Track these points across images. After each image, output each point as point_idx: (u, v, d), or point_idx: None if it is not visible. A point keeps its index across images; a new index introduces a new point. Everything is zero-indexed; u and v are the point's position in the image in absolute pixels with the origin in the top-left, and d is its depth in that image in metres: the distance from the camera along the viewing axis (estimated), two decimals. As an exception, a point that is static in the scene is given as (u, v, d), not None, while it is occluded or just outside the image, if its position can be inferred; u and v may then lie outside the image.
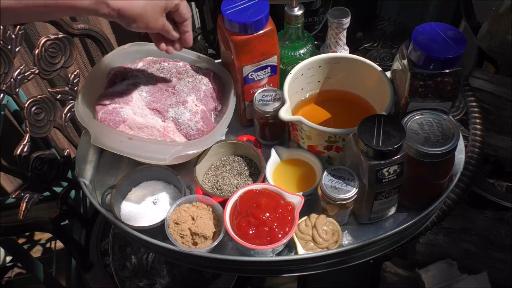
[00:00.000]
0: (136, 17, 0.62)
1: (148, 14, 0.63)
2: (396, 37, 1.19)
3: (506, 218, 1.14)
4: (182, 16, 0.70)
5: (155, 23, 0.66)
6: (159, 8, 0.65)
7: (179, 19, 0.71)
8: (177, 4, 0.68)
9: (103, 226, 1.09)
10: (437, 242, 1.12)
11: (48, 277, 0.98)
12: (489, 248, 1.11)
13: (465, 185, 0.87)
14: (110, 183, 0.80)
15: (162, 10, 0.66)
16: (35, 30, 1.22)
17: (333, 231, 0.71)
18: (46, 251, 1.55)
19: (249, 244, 0.66)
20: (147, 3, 0.63)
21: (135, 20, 0.63)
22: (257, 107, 0.79)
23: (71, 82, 0.96)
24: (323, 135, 0.71)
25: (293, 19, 0.80)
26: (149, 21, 0.64)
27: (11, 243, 0.91)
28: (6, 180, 1.49)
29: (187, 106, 0.78)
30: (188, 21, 0.73)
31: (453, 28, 0.67)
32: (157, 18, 0.65)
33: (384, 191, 0.67)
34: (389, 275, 1.16)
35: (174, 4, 0.67)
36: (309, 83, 0.83)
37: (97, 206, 0.76)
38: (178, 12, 0.69)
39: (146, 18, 0.63)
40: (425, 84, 0.67)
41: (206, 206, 0.73)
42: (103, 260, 1.04)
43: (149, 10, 0.63)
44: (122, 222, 0.73)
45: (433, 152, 0.64)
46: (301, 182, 0.76)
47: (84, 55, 1.37)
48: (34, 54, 0.88)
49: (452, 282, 1.07)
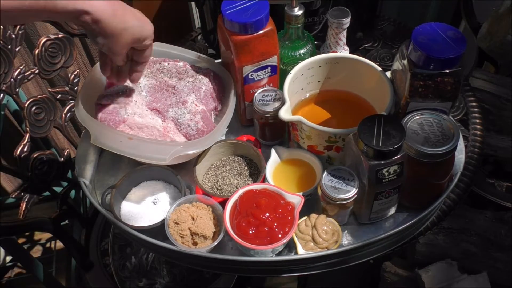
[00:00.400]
0: (111, 35, 0.61)
1: (122, 38, 0.62)
2: (396, 37, 1.19)
3: (506, 218, 1.14)
4: (144, 57, 0.71)
5: (120, 50, 0.64)
6: (133, 38, 0.64)
7: (140, 59, 0.71)
8: (146, 45, 0.68)
9: (103, 226, 1.09)
10: (437, 242, 1.12)
11: (48, 277, 0.98)
12: (489, 248, 1.11)
13: (465, 185, 0.87)
14: (110, 183, 0.80)
15: (134, 42, 0.65)
16: (35, 30, 1.22)
17: (333, 231, 0.71)
18: (46, 251, 1.55)
19: (249, 244, 0.66)
20: (126, 28, 0.61)
21: (106, 37, 0.61)
22: (257, 107, 0.79)
23: (71, 82, 0.96)
24: (323, 135, 0.71)
25: (293, 19, 0.80)
26: (117, 44, 0.63)
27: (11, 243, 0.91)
28: (6, 180, 1.49)
29: (187, 106, 0.78)
30: (145, 64, 0.73)
31: (453, 28, 0.67)
32: (125, 46, 0.64)
33: (384, 191, 0.67)
34: (389, 275, 1.16)
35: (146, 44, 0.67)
36: (309, 83, 0.83)
37: (97, 206, 0.76)
38: (142, 51, 0.69)
39: (117, 40, 0.62)
40: (425, 84, 0.67)
41: (206, 206, 0.73)
42: (103, 260, 1.04)
43: (124, 35, 0.62)
44: (122, 222, 0.73)
45: (433, 152, 0.64)
46: (301, 182, 0.76)
47: (84, 55, 1.37)
48: (34, 54, 0.88)
49: (452, 282, 1.07)
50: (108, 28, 0.59)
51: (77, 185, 1.01)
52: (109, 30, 0.60)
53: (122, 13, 0.61)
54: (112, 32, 0.60)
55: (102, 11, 0.57)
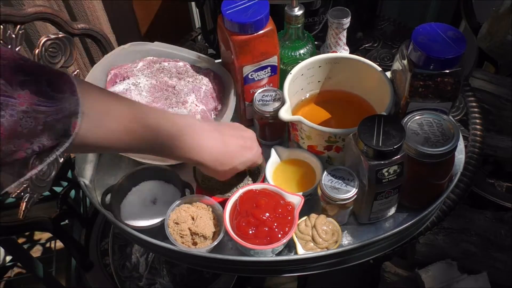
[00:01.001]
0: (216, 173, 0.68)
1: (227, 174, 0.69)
2: (396, 37, 1.18)
3: (506, 219, 1.14)
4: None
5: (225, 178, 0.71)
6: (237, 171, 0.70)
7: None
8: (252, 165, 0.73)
9: (103, 226, 1.09)
10: (437, 242, 1.12)
11: (48, 277, 0.99)
12: (489, 248, 1.11)
13: (465, 185, 0.87)
14: (110, 183, 0.80)
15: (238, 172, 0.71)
16: (35, 30, 1.22)
17: (333, 231, 0.71)
18: (46, 250, 1.55)
19: (248, 244, 0.66)
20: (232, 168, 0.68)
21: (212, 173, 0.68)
22: (257, 107, 0.79)
23: (71, 82, 0.96)
24: (323, 135, 0.71)
25: (293, 19, 0.80)
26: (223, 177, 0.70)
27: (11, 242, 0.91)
28: (6, 180, 1.49)
29: (187, 106, 0.78)
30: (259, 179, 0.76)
31: (453, 28, 0.67)
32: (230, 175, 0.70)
33: (384, 191, 0.67)
34: (389, 275, 1.16)
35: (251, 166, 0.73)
36: (309, 83, 0.83)
37: (97, 206, 0.76)
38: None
39: (223, 176, 0.69)
40: (425, 84, 0.67)
41: (206, 206, 0.73)
42: (103, 260, 1.04)
43: (228, 172, 0.68)
44: (122, 222, 0.73)
45: (433, 152, 0.64)
46: (301, 182, 0.76)
47: (84, 55, 1.37)
48: (34, 54, 0.88)
49: (452, 282, 1.07)
50: (217, 171, 0.67)
51: (77, 185, 1.01)
52: (217, 173, 0.67)
53: (231, 155, 0.67)
54: (219, 173, 0.68)
55: (212, 160, 0.65)
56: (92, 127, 0.50)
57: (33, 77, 0.44)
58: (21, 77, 0.43)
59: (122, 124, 0.54)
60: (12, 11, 0.82)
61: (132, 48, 0.86)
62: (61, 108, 0.45)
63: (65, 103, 0.46)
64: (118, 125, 0.53)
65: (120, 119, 0.53)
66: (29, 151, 0.44)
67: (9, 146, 0.42)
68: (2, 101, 0.41)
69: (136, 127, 0.55)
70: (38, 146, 0.45)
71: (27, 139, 0.44)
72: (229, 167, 0.67)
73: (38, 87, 0.44)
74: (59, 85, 0.46)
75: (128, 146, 0.57)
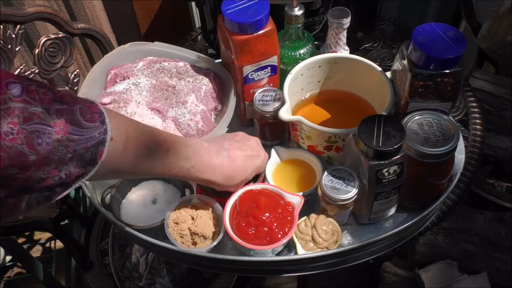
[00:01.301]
0: (227, 189, 0.69)
1: (238, 187, 0.70)
2: (396, 37, 1.18)
3: (506, 219, 1.14)
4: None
5: (235, 190, 0.71)
6: (247, 180, 0.71)
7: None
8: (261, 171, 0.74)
9: (103, 226, 1.09)
10: (437, 243, 1.12)
11: (47, 277, 0.99)
12: (488, 249, 1.11)
13: (465, 186, 0.87)
14: (110, 183, 0.80)
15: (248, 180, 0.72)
16: (35, 30, 1.22)
17: (333, 231, 0.71)
18: (45, 250, 1.55)
19: (248, 244, 0.66)
20: (243, 181, 0.69)
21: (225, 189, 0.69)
22: (257, 107, 0.79)
23: (71, 81, 0.96)
24: (323, 135, 0.71)
25: (293, 19, 0.80)
26: (233, 190, 0.71)
27: (11, 242, 0.91)
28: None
29: (187, 106, 0.78)
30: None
31: (453, 28, 0.67)
32: (240, 186, 0.71)
33: (384, 191, 0.67)
34: (388, 275, 1.16)
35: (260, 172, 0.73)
36: (309, 83, 0.83)
37: (97, 206, 0.76)
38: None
39: (233, 189, 0.70)
40: (425, 84, 0.67)
41: (206, 206, 0.73)
42: (102, 260, 1.04)
43: (240, 184, 0.70)
44: (122, 222, 0.73)
45: (433, 153, 0.64)
46: (301, 182, 0.76)
47: (84, 54, 1.37)
48: (34, 54, 0.88)
49: (451, 282, 1.07)
50: (227, 187, 0.68)
51: (77, 185, 1.01)
52: (227, 188, 0.69)
53: (240, 169, 0.68)
54: (229, 188, 0.69)
55: (223, 177, 0.66)
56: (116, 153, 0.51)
57: (67, 105, 0.45)
58: (57, 106, 0.44)
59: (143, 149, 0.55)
60: (12, 11, 0.82)
61: (132, 48, 0.86)
62: (91, 136, 0.46)
63: (94, 132, 0.47)
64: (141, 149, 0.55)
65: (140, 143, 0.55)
66: (56, 178, 0.45)
67: (39, 173, 0.43)
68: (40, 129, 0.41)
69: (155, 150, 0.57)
70: (65, 173, 0.45)
71: (56, 166, 0.44)
72: (240, 180, 0.68)
73: (73, 116, 0.45)
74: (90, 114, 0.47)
75: (148, 169, 0.58)
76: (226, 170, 0.66)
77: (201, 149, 0.64)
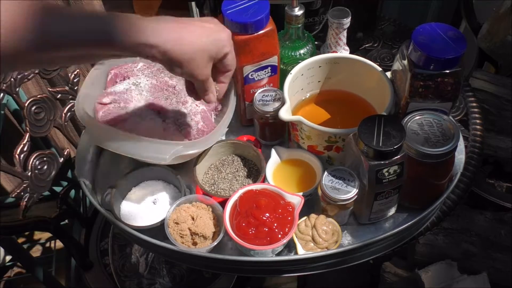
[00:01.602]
0: (183, 62, 0.57)
1: (197, 60, 0.58)
2: (397, 37, 1.18)
3: (506, 219, 1.14)
4: (226, 66, 0.65)
5: (201, 72, 0.60)
6: (209, 55, 0.60)
7: (223, 68, 0.65)
8: (226, 53, 0.63)
9: (103, 226, 1.09)
10: (437, 243, 1.12)
11: (47, 277, 0.98)
12: (489, 249, 1.11)
13: (465, 186, 0.87)
14: (110, 183, 0.80)
15: (212, 58, 0.61)
16: (35, 30, 1.22)
17: (333, 231, 0.71)
18: (45, 250, 1.55)
19: (248, 244, 0.66)
20: (198, 49, 0.57)
21: (181, 65, 0.57)
22: (257, 107, 0.79)
23: (71, 81, 0.96)
24: (323, 135, 0.71)
25: (294, 19, 0.80)
26: (196, 67, 0.59)
27: (11, 242, 0.91)
28: (6, 179, 1.49)
29: (187, 106, 0.78)
30: (230, 73, 0.67)
31: (453, 28, 0.67)
32: (205, 66, 0.60)
33: (384, 192, 0.67)
34: (389, 276, 1.16)
35: (224, 53, 0.62)
36: (309, 83, 0.83)
37: (97, 206, 0.76)
38: (223, 61, 0.64)
39: (193, 64, 0.58)
40: (425, 84, 0.67)
41: (206, 206, 0.73)
42: (102, 259, 1.04)
43: (199, 56, 0.58)
44: (122, 222, 0.73)
45: (433, 153, 0.64)
46: (301, 182, 0.76)
47: (84, 54, 1.37)
48: (34, 54, 0.88)
49: (451, 282, 1.07)
50: (179, 55, 0.56)
51: (77, 185, 1.01)
52: (181, 57, 0.56)
53: (191, 34, 0.57)
54: (185, 58, 0.57)
55: (167, 40, 0.54)
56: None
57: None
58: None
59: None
60: (12, 11, 0.82)
61: (132, 48, 0.86)
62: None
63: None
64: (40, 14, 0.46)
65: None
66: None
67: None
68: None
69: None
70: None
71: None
72: (197, 48, 0.57)
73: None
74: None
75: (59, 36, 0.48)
76: (169, 31, 0.55)
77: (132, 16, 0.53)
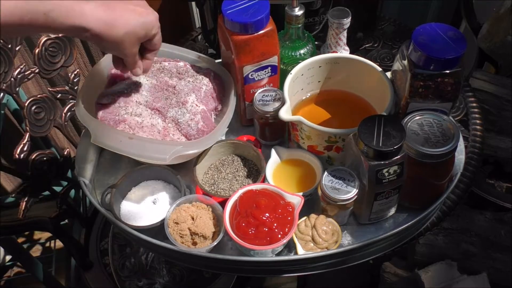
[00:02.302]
0: (115, 43, 0.62)
1: (126, 42, 0.63)
2: (397, 38, 1.19)
3: (506, 219, 1.14)
4: (153, 45, 0.71)
5: (129, 51, 0.66)
6: (138, 37, 0.65)
7: (150, 47, 0.71)
8: (154, 35, 0.68)
9: (103, 225, 1.09)
10: (437, 243, 1.12)
11: (47, 277, 0.98)
12: (489, 249, 1.11)
13: (465, 186, 0.87)
14: (110, 183, 0.80)
15: (140, 39, 0.66)
16: (35, 30, 1.22)
17: (333, 231, 0.71)
18: (45, 250, 1.55)
19: (248, 244, 0.66)
20: (128, 32, 0.62)
21: (112, 47, 0.63)
22: (257, 107, 0.79)
23: (71, 81, 0.96)
24: (323, 135, 0.71)
25: (294, 19, 0.80)
26: (124, 48, 0.64)
27: (11, 242, 0.91)
28: (6, 179, 1.49)
29: (187, 106, 0.78)
30: (156, 51, 0.73)
31: (453, 28, 0.67)
32: (133, 46, 0.65)
33: (384, 192, 0.67)
34: (388, 276, 1.16)
35: (152, 34, 0.67)
36: (309, 83, 0.83)
37: (97, 205, 0.76)
38: (151, 41, 0.69)
39: (123, 45, 0.63)
40: (425, 84, 0.67)
41: (206, 206, 0.73)
42: (102, 259, 1.04)
43: (127, 38, 0.63)
44: (122, 221, 0.73)
45: (433, 153, 0.64)
46: (301, 182, 0.76)
47: (84, 54, 1.37)
48: (34, 53, 0.88)
49: (451, 282, 1.07)
50: (110, 37, 0.60)
51: (77, 185, 1.01)
52: (112, 39, 0.61)
53: (121, 17, 0.61)
54: (115, 40, 0.61)
55: (99, 23, 0.58)
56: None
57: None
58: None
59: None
60: (12, 11, 0.82)
61: (132, 47, 0.86)
62: None
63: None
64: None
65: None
66: None
67: None
68: None
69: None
70: None
71: None
72: (125, 30, 0.61)
73: None
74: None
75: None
76: (101, 14, 0.58)
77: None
